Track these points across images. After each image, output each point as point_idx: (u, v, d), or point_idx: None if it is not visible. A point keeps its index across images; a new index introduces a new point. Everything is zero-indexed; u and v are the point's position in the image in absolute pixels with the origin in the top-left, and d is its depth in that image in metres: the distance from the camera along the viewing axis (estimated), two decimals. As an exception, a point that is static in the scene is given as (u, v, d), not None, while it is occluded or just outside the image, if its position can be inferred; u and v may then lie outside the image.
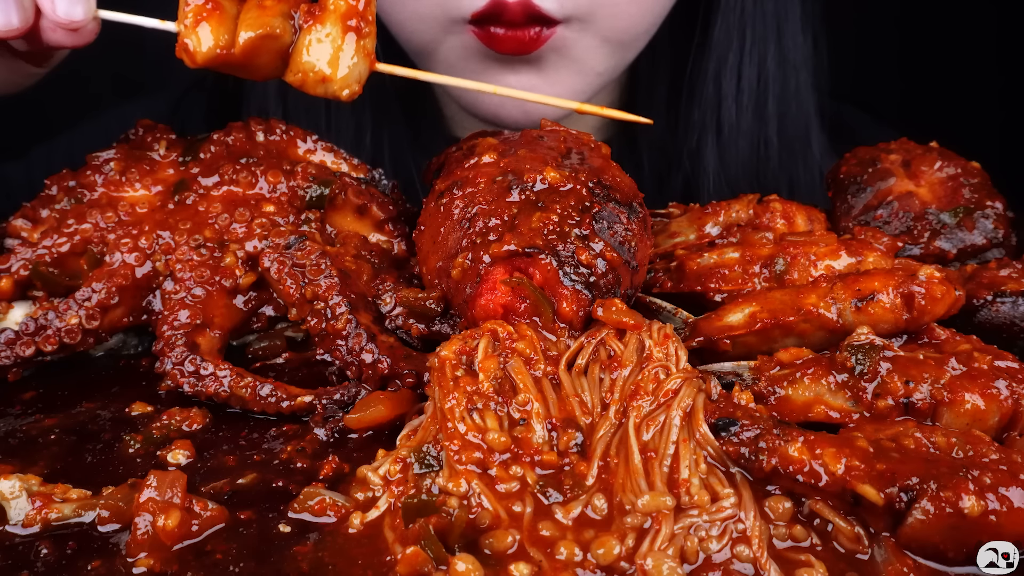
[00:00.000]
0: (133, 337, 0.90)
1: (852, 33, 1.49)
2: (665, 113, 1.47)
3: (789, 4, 1.41)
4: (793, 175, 1.44)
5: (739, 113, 1.42)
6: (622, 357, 0.69)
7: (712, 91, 1.41)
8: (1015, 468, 0.60)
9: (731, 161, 1.43)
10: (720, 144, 1.43)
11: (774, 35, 1.41)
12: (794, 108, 1.45)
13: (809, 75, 1.45)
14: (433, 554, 0.57)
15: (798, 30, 1.42)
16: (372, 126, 1.44)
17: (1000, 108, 1.77)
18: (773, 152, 1.44)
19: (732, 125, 1.42)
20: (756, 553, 0.59)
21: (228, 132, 0.97)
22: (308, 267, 0.83)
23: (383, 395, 0.76)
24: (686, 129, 1.45)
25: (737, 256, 0.87)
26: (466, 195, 0.81)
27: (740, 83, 1.41)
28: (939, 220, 0.94)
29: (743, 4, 1.38)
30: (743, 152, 1.43)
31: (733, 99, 1.41)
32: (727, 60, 1.40)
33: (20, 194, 0.96)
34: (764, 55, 1.41)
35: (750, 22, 1.39)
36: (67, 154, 0.97)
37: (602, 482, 0.63)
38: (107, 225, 0.88)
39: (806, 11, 1.43)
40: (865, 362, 0.69)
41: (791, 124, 1.45)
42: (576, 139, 0.89)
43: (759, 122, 1.43)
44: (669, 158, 1.47)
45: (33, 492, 0.66)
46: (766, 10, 1.39)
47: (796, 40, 1.42)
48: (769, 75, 1.41)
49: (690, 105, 1.44)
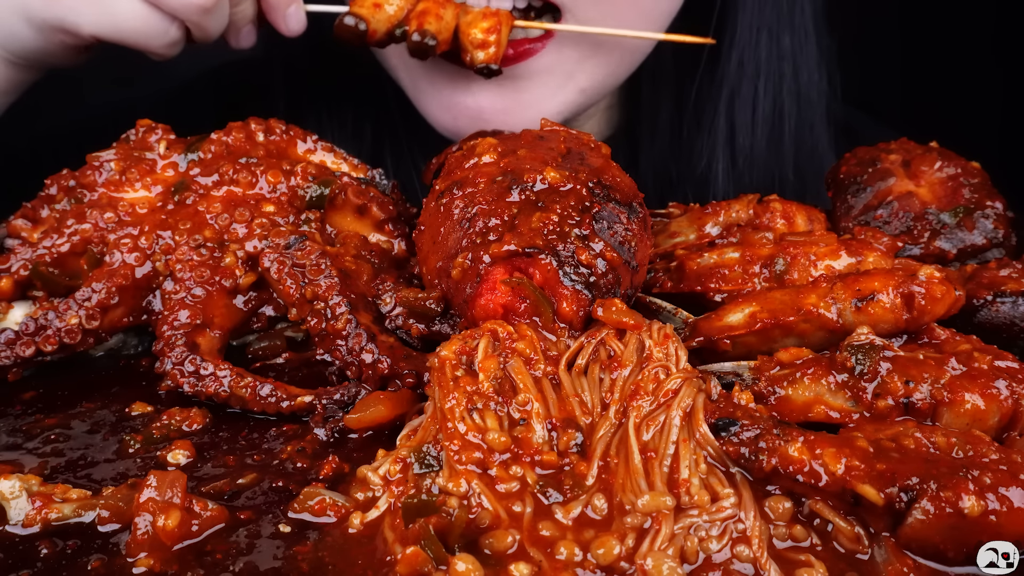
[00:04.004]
0: (133, 337, 0.90)
1: (853, 34, 1.49)
2: (668, 138, 1.47)
3: (805, 40, 1.40)
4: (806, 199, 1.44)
5: (753, 147, 1.41)
6: (622, 357, 0.69)
7: (724, 122, 1.40)
8: (1015, 468, 0.60)
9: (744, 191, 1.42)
10: (733, 174, 1.42)
11: (791, 71, 1.40)
12: (809, 143, 1.44)
13: (824, 110, 1.45)
14: (433, 554, 0.57)
15: (814, 66, 1.42)
16: (373, 126, 1.45)
17: (1000, 108, 1.77)
18: (788, 185, 1.43)
19: (746, 156, 1.41)
20: (756, 553, 0.59)
21: (228, 132, 0.97)
22: (308, 267, 0.83)
23: (383, 395, 0.76)
24: (689, 156, 1.44)
25: (737, 256, 0.87)
26: (466, 195, 0.80)
27: (755, 115, 1.40)
28: (939, 220, 0.94)
29: (758, 38, 1.37)
30: (756, 185, 1.42)
31: (748, 130, 1.40)
32: (740, 92, 1.39)
33: (20, 195, 0.96)
34: (780, 91, 1.40)
35: (765, 56, 1.38)
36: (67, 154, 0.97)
37: (602, 482, 0.63)
38: (107, 225, 0.88)
39: (821, 46, 1.42)
40: (865, 362, 0.69)
41: (805, 158, 1.44)
42: (576, 139, 0.89)
43: (773, 157, 1.43)
44: (672, 183, 1.47)
45: (33, 492, 0.66)
46: (782, 46, 1.39)
47: (812, 77, 1.42)
48: (785, 111, 1.41)
49: (697, 133, 1.42)
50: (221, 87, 1.54)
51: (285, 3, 1.10)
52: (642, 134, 1.47)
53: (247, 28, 1.12)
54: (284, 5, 1.11)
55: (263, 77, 1.45)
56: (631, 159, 1.48)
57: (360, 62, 1.39)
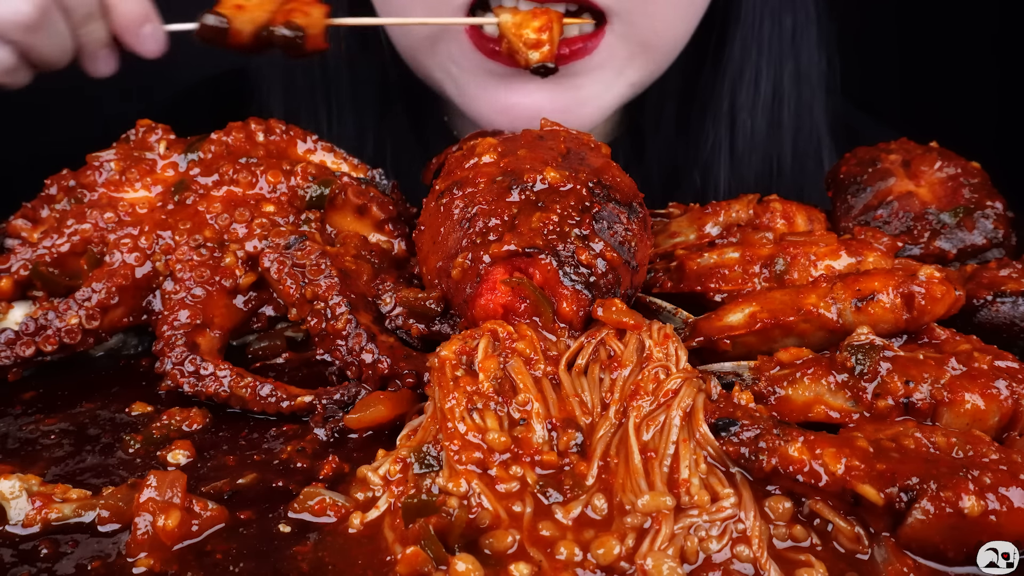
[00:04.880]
0: (133, 337, 0.90)
1: (852, 33, 1.49)
2: (674, 127, 1.47)
3: (806, 21, 1.40)
4: (805, 189, 1.43)
5: (754, 128, 1.41)
6: (622, 357, 0.69)
7: (727, 106, 1.40)
8: (1015, 468, 0.60)
9: (744, 176, 1.42)
10: (733, 159, 1.42)
11: (791, 52, 1.40)
12: (808, 124, 1.44)
13: (824, 92, 1.45)
14: (433, 554, 0.57)
15: (814, 48, 1.42)
16: (374, 126, 1.45)
17: (1000, 108, 1.77)
18: (786, 168, 1.43)
19: (747, 140, 1.41)
20: (756, 553, 0.59)
21: (228, 132, 0.97)
22: (308, 267, 0.83)
23: (383, 395, 0.76)
24: (697, 143, 1.44)
25: (737, 256, 0.87)
26: (466, 195, 0.80)
27: (756, 98, 1.40)
28: (939, 220, 0.94)
29: (761, 20, 1.37)
30: (756, 167, 1.42)
31: (748, 114, 1.40)
32: (743, 75, 1.39)
33: (20, 194, 0.96)
34: (781, 71, 1.40)
35: (767, 38, 1.38)
36: (67, 154, 0.97)
37: (602, 482, 0.63)
38: (107, 225, 0.88)
39: (822, 29, 1.42)
40: (865, 362, 0.69)
41: (804, 140, 1.44)
42: (576, 139, 0.89)
43: (774, 138, 1.43)
44: (678, 172, 1.47)
45: (33, 492, 0.66)
46: (783, 27, 1.39)
47: (812, 58, 1.42)
48: (785, 91, 1.41)
49: (703, 119, 1.43)
50: (220, 94, 1.54)
51: (138, 22, 1.00)
52: (647, 122, 1.47)
53: (103, 53, 1.02)
54: (137, 24, 1.00)
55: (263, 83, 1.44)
56: (637, 150, 1.48)
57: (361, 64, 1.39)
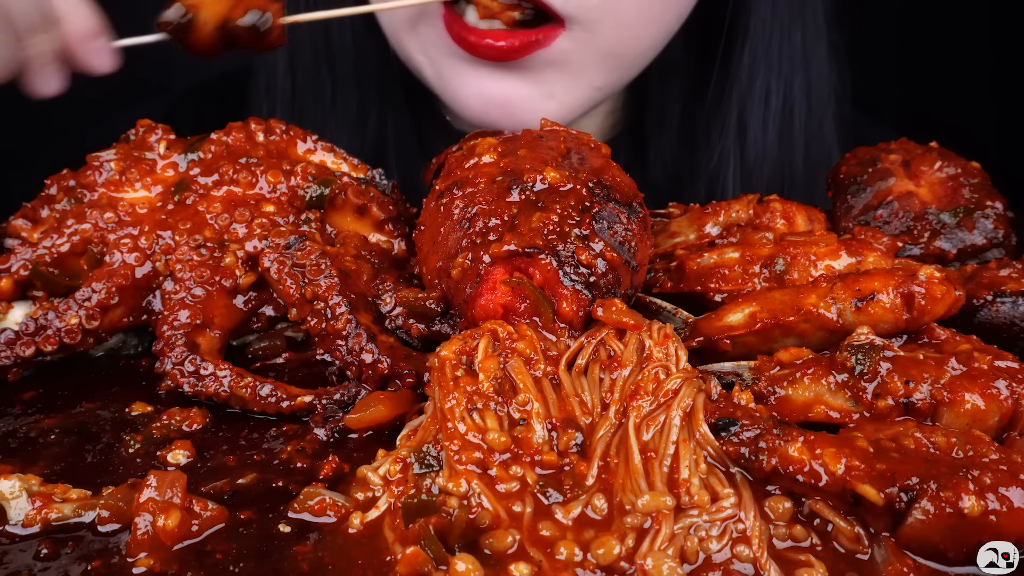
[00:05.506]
0: (133, 337, 0.90)
1: (853, 33, 1.49)
2: (678, 133, 1.46)
3: (817, 35, 1.40)
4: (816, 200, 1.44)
5: (765, 140, 1.41)
6: (622, 357, 0.69)
7: (735, 118, 1.40)
8: (1015, 468, 0.60)
9: (756, 187, 1.41)
10: (743, 169, 1.41)
11: (801, 66, 1.39)
12: (819, 136, 1.44)
13: (834, 103, 1.44)
14: (433, 554, 0.57)
15: (824, 61, 1.41)
16: (375, 126, 1.45)
17: (1000, 108, 1.77)
18: (798, 178, 1.42)
19: (758, 152, 1.41)
20: (756, 553, 0.59)
21: (228, 132, 0.96)
22: (308, 267, 0.83)
23: (383, 395, 0.76)
24: (704, 153, 1.43)
25: (737, 256, 0.87)
26: (466, 195, 0.80)
27: (767, 112, 1.40)
28: (939, 220, 0.94)
29: (771, 33, 1.37)
30: (767, 176, 1.42)
31: (758, 125, 1.40)
32: (753, 88, 1.38)
33: (20, 195, 0.96)
34: (791, 85, 1.39)
35: (777, 52, 1.38)
36: (67, 155, 0.97)
37: (602, 482, 0.63)
38: (107, 225, 0.88)
39: (832, 43, 1.42)
40: (865, 362, 0.69)
41: (815, 151, 1.44)
42: (576, 139, 0.89)
43: (784, 149, 1.42)
44: (681, 179, 1.46)
45: (33, 492, 0.66)
46: (794, 41, 1.38)
47: (823, 72, 1.42)
48: (795, 103, 1.40)
49: (710, 129, 1.42)
50: (220, 94, 1.54)
51: (88, 36, 0.95)
52: (650, 132, 1.47)
53: (49, 68, 0.96)
54: (87, 38, 0.95)
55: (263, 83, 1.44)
56: (639, 157, 1.48)
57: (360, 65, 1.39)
